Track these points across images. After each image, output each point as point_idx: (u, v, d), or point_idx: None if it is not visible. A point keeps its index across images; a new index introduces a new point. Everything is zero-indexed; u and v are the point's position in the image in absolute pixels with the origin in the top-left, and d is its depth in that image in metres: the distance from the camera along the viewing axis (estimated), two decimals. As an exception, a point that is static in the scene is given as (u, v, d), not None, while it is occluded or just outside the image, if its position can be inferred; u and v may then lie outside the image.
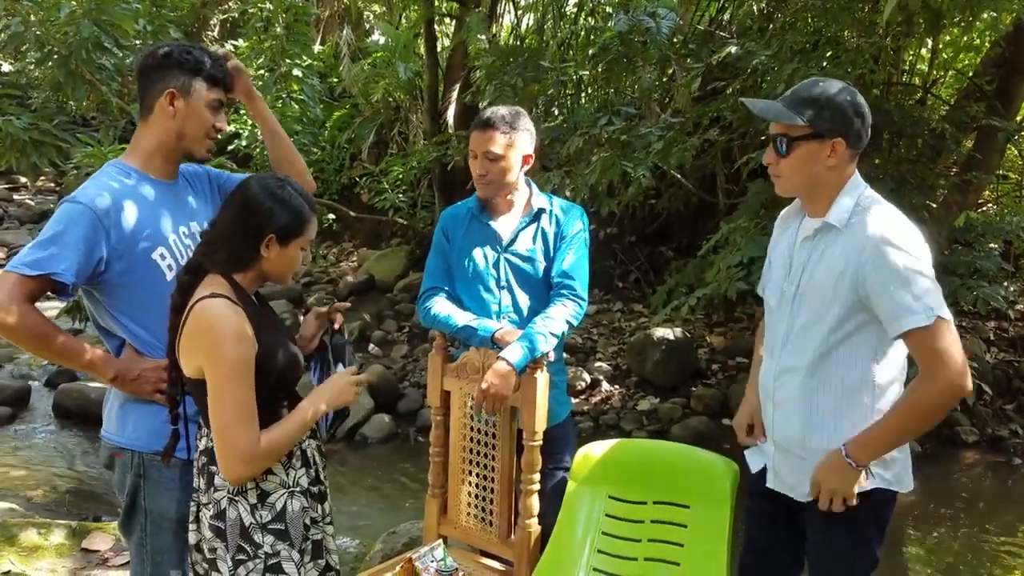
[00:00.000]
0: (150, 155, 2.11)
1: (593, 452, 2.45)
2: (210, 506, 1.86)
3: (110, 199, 1.99)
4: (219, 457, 1.81)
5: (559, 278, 2.53)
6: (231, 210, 1.88)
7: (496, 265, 2.57)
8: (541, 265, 2.56)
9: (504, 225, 2.60)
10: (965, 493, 5.35)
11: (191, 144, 2.10)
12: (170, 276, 2.05)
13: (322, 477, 2.00)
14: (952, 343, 1.77)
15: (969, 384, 1.78)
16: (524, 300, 2.57)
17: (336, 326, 2.19)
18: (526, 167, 2.58)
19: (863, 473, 1.88)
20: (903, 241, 1.82)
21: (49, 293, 1.98)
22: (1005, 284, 6.46)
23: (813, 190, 1.95)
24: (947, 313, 1.78)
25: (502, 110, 2.52)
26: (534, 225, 2.58)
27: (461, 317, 2.54)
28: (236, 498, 1.84)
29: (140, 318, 2.05)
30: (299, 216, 1.87)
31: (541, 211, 2.59)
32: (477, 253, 2.59)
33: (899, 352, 1.94)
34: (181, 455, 2.03)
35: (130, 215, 2.01)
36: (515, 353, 2.35)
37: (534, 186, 2.66)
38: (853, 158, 1.93)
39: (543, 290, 2.57)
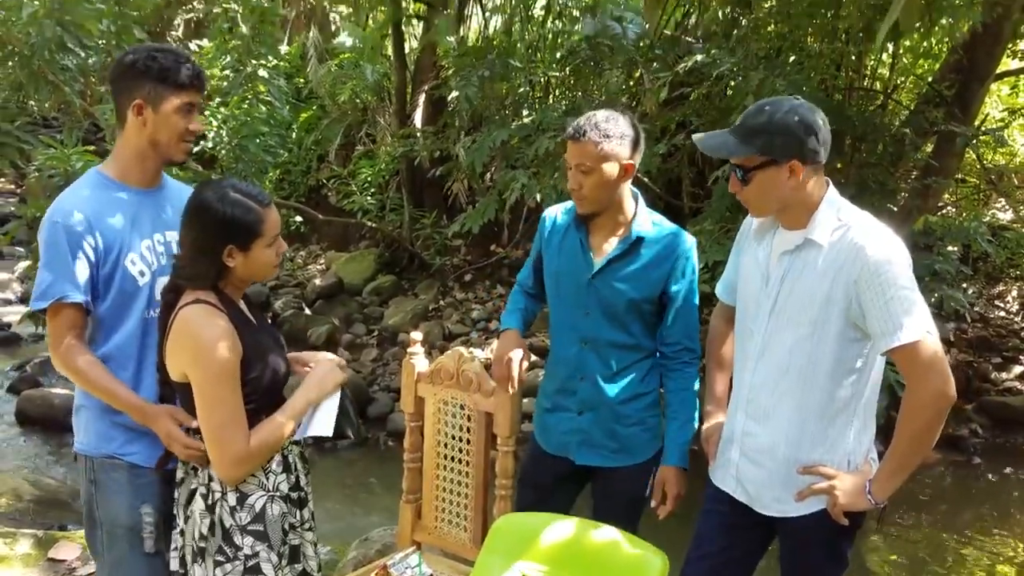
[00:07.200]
0: (127, 164, 2.10)
1: (513, 522, 2.29)
2: (207, 497, 1.88)
3: (80, 208, 2.00)
4: (212, 460, 1.83)
5: (679, 340, 2.39)
6: (186, 229, 1.88)
7: (582, 291, 2.37)
8: (631, 297, 2.34)
9: (599, 247, 2.37)
10: (926, 492, 5.47)
11: (166, 150, 2.08)
12: (142, 282, 2.05)
13: (303, 483, 2.01)
14: (939, 355, 1.81)
15: (954, 391, 1.83)
16: (606, 329, 2.38)
17: None
18: (628, 177, 2.30)
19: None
20: (893, 258, 1.84)
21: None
22: (964, 286, 6.61)
23: (785, 209, 1.96)
24: (934, 328, 1.82)
25: (598, 115, 2.25)
26: (632, 255, 2.33)
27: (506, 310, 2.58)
28: (219, 500, 1.86)
29: (111, 325, 2.04)
30: (250, 219, 1.83)
31: (641, 239, 2.33)
32: (566, 274, 2.41)
33: (878, 365, 1.97)
34: (131, 459, 2.03)
35: (101, 222, 2.01)
36: (681, 457, 2.37)
37: (641, 202, 2.39)
38: (817, 172, 1.93)
39: (627, 319, 2.38)
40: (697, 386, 2.43)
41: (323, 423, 2.00)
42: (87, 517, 2.10)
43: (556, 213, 2.50)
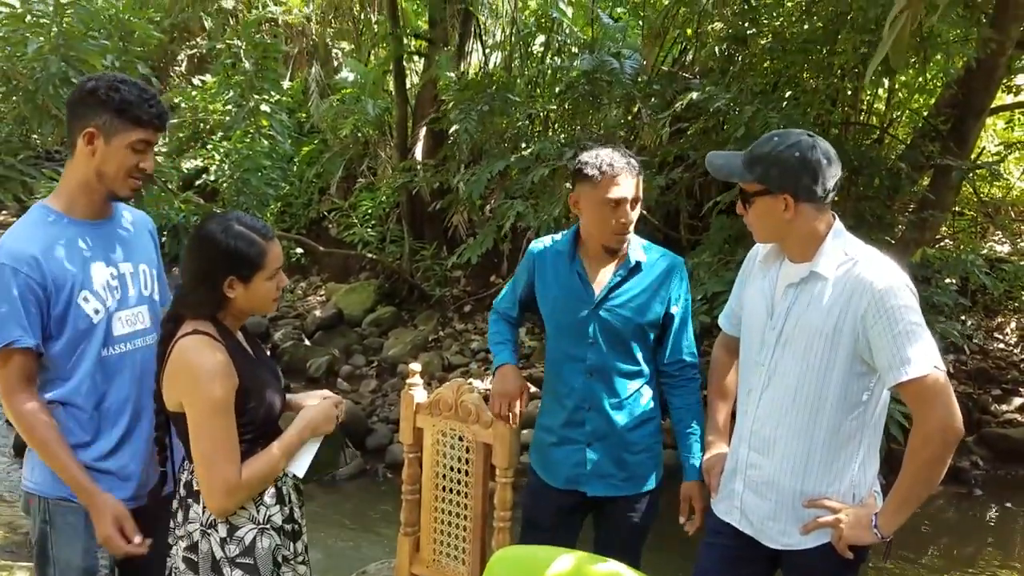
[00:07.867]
0: (73, 196, 2.00)
1: (512, 554, 2.22)
2: (184, 539, 1.88)
3: (27, 247, 1.91)
4: (203, 490, 1.83)
5: (682, 357, 2.44)
6: (188, 259, 1.89)
7: (586, 321, 2.38)
8: (637, 322, 2.37)
9: (597, 277, 2.40)
10: (927, 524, 5.43)
11: (112, 184, 1.99)
12: (97, 319, 1.98)
13: (296, 516, 2.00)
14: (947, 389, 1.81)
15: (962, 425, 1.81)
16: (612, 357, 2.39)
17: None
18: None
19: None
20: (901, 293, 1.84)
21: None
22: (962, 318, 6.61)
23: (786, 240, 1.99)
24: (942, 363, 1.82)
25: (618, 150, 2.32)
26: (630, 280, 2.39)
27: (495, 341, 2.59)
28: (208, 531, 1.86)
29: (66, 366, 1.97)
30: (252, 252, 1.85)
31: (639, 265, 2.40)
32: (564, 305, 2.42)
33: (884, 398, 1.97)
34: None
35: (50, 260, 1.93)
36: (696, 471, 2.37)
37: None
38: (820, 209, 1.94)
39: (632, 344, 2.40)
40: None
41: (299, 463, 1.99)
42: (39, 554, 2.04)
43: (545, 244, 2.53)
